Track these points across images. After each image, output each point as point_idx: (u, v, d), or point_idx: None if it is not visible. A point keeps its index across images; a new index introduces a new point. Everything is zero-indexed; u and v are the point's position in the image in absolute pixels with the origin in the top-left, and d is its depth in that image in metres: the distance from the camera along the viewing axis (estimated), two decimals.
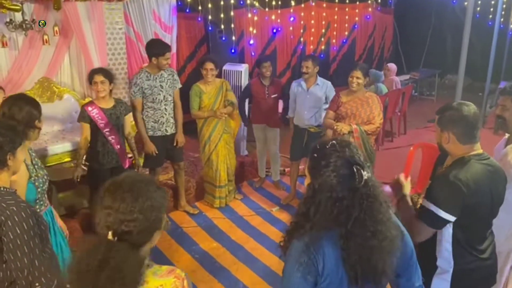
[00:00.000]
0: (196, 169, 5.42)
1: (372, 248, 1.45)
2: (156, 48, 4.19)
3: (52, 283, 1.95)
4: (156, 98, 4.22)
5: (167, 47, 4.24)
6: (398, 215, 1.75)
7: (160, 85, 4.21)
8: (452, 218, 1.98)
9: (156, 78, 4.20)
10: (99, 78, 3.71)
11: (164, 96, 4.25)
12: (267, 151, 5.45)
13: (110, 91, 3.83)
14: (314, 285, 1.49)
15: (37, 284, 1.87)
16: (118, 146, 3.87)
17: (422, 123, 7.96)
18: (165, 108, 4.29)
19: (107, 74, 3.78)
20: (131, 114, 4.14)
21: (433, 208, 1.98)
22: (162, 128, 4.32)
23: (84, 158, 3.86)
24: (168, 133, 4.38)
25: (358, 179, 1.44)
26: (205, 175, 4.95)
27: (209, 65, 4.53)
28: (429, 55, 11.19)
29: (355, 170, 1.44)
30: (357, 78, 4.02)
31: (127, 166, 4.03)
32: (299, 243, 1.50)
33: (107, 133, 3.79)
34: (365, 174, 1.45)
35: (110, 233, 1.32)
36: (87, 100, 5.26)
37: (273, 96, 5.12)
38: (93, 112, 3.75)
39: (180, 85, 4.48)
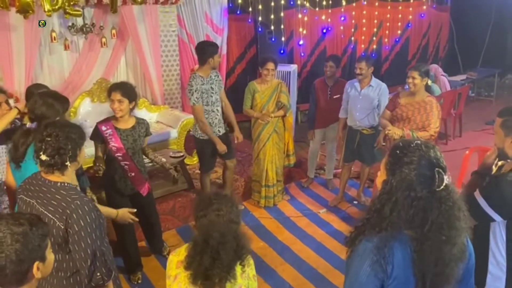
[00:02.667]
0: (244, 168, 5.48)
1: (445, 253, 1.43)
2: (211, 47, 4.24)
3: (111, 273, 2.07)
4: (210, 100, 4.26)
5: (217, 45, 4.37)
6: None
7: (211, 87, 4.25)
8: (498, 218, 1.94)
9: (208, 81, 4.24)
10: (116, 96, 3.21)
11: (215, 98, 4.30)
12: (324, 149, 5.43)
13: (131, 109, 3.33)
14: (381, 286, 1.47)
15: (98, 274, 1.99)
16: (133, 174, 3.40)
17: (479, 125, 7.59)
18: (217, 109, 4.33)
19: (127, 92, 3.25)
20: (174, 118, 4.22)
21: (483, 203, 1.94)
22: (215, 129, 4.35)
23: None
24: (220, 134, 4.39)
25: (439, 182, 1.41)
26: (253, 173, 5.00)
27: (271, 66, 4.55)
28: (488, 54, 10.62)
29: (436, 172, 1.42)
30: (413, 78, 3.89)
31: (145, 193, 3.52)
32: (369, 242, 1.48)
33: (119, 158, 3.33)
34: (446, 179, 1.42)
35: None
36: (141, 100, 5.48)
37: (335, 97, 5.06)
38: (107, 132, 3.29)
39: (223, 85, 4.54)
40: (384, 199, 1.47)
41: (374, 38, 8.65)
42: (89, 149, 4.46)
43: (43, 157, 1.99)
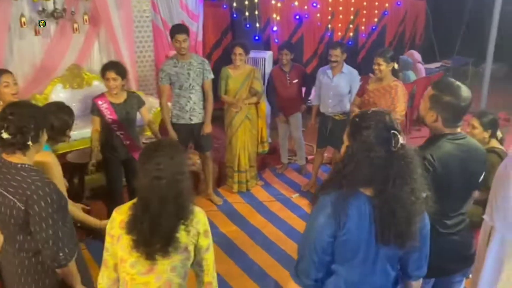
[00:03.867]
0: (219, 155, 5.52)
1: (412, 203, 1.55)
2: (172, 29, 4.26)
3: (73, 254, 2.10)
4: (183, 85, 4.27)
5: (178, 29, 4.19)
6: None
7: (188, 72, 4.25)
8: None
9: (184, 65, 4.24)
10: (111, 74, 3.60)
11: (191, 84, 4.28)
12: (291, 137, 5.49)
13: (123, 85, 3.74)
14: (333, 237, 1.60)
15: (60, 254, 2.01)
16: (128, 142, 3.80)
17: None
18: (190, 96, 4.32)
19: (120, 70, 3.65)
20: (148, 104, 4.22)
21: None
22: (185, 116, 4.37)
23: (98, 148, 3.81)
24: (192, 122, 4.40)
25: (395, 142, 1.54)
26: (226, 159, 5.04)
27: (238, 50, 4.58)
28: (464, 43, 10.79)
29: (392, 134, 1.55)
30: (379, 64, 3.99)
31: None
32: (327, 196, 1.62)
33: (114, 128, 3.73)
34: (401, 139, 1.55)
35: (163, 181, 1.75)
36: None
37: (294, 81, 5.13)
38: (103, 106, 3.70)
39: (212, 76, 4.43)
40: (346, 160, 1.61)
41: (351, 26, 8.70)
42: (86, 130, 4.45)
43: (5, 135, 1.96)
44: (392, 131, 1.55)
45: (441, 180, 1.98)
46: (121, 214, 1.86)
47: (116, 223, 1.85)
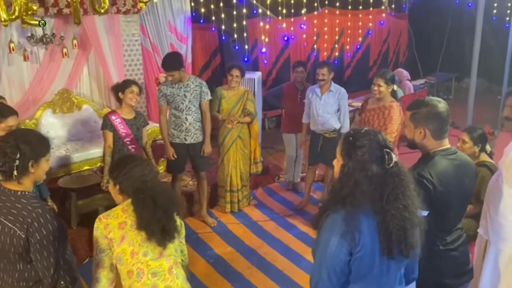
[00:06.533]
0: (211, 175, 5.50)
1: (405, 219, 1.61)
2: (162, 64, 4.31)
3: (75, 281, 2.06)
4: (179, 106, 4.30)
5: (168, 67, 4.18)
6: None
7: (184, 94, 4.28)
8: (425, 213, 2.01)
9: (180, 87, 4.28)
10: (136, 88, 3.91)
11: (187, 106, 4.30)
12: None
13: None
14: (349, 255, 1.62)
15: (62, 282, 1.97)
16: None
17: None
18: (186, 118, 4.33)
19: (140, 87, 4.02)
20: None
21: None
22: (181, 136, 4.39)
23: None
24: (187, 142, 4.40)
25: (388, 160, 1.62)
26: (218, 179, 5.04)
27: (235, 72, 4.64)
28: (446, 59, 11.08)
29: (385, 152, 1.63)
30: (379, 86, 4.00)
31: None
32: (337, 215, 1.65)
33: (128, 142, 3.92)
34: (394, 157, 1.63)
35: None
36: (105, 110, 5.44)
37: (305, 101, 5.18)
38: (117, 121, 3.89)
39: (209, 97, 4.47)
40: (344, 180, 1.66)
41: (336, 46, 8.88)
42: (77, 155, 4.59)
43: None
44: (385, 149, 1.63)
45: (441, 197, 2.01)
46: (115, 218, 2.07)
47: (114, 227, 2.05)
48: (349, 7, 8.42)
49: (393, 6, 9.74)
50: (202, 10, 6.39)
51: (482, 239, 2.73)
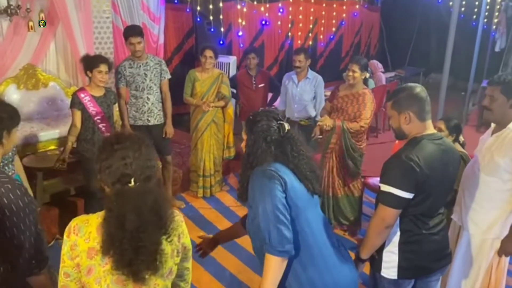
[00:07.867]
0: (183, 160, 5.41)
1: (313, 163, 2.02)
2: (124, 32, 4.20)
3: (46, 260, 1.95)
4: (139, 86, 4.18)
5: (132, 31, 4.11)
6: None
7: (144, 73, 4.17)
8: (411, 196, 2.03)
9: (140, 66, 4.17)
10: (104, 67, 3.69)
11: (148, 85, 4.20)
12: None
13: None
14: (284, 193, 1.85)
15: (33, 261, 1.86)
16: (108, 134, 3.75)
17: None
18: (148, 97, 4.23)
19: (110, 64, 3.79)
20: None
21: (393, 190, 2.02)
22: (143, 117, 4.27)
23: (73, 145, 3.79)
24: (150, 124, 4.30)
25: (282, 129, 1.98)
26: (191, 163, 4.95)
27: (209, 53, 4.54)
28: (414, 54, 11.34)
29: (279, 124, 1.99)
30: (353, 71, 3.94)
31: None
32: (260, 167, 1.92)
33: (98, 120, 3.75)
34: (287, 126, 2.00)
35: (132, 180, 1.47)
36: (72, 89, 5.21)
37: (260, 85, 5.15)
38: (86, 99, 3.71)
39: (169, 76, 4.40)
40: (249, 150, 1.98)
41: (310, 35, 8.90)
42: (43, 134, 4.40)
43: None
44: (279, 121, 1.99)
45: (427, 180, 2.02)
46: (87, 238, 1.52)
47: (81, 251, 1.52)
48: None
49: None
50: None
51: (456, 225, 2.80)
